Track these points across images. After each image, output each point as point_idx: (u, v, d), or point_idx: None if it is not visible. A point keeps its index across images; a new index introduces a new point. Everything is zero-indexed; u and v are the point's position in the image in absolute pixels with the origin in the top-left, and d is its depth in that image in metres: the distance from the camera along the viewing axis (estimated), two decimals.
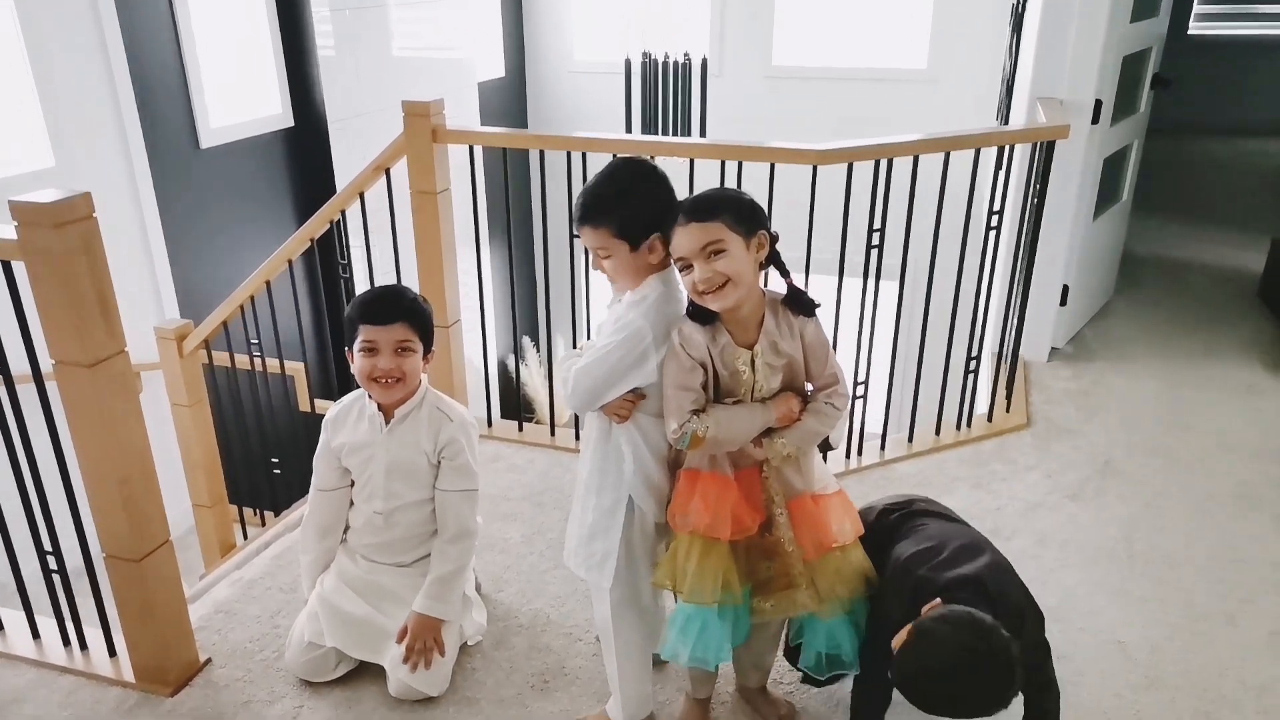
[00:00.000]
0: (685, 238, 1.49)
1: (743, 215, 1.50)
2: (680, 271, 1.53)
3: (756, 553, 1.62)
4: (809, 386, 1.62)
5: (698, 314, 1.54)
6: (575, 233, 1.65)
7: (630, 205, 1.57)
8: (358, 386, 1.93)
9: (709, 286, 1.48)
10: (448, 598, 1.89)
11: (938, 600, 1.44)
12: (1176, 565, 2.31)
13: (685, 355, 1.53)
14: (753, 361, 1.54)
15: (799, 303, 1.57)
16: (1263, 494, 2.57)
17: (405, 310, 1.84)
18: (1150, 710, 1.88)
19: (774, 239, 1.54)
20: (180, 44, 3.93)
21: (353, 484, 1.98)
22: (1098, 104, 3.08)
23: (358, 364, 1.84)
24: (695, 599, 1.58)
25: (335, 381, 4.69)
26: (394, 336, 1.82)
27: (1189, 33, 6.43)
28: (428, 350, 1.90)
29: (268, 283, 3.05)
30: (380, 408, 1.90)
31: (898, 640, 1.41)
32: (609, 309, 1.71)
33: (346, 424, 1.95)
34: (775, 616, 1.67)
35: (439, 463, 1.90)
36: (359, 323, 1.83)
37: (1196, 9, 6.43)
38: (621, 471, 1.65)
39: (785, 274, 1.59)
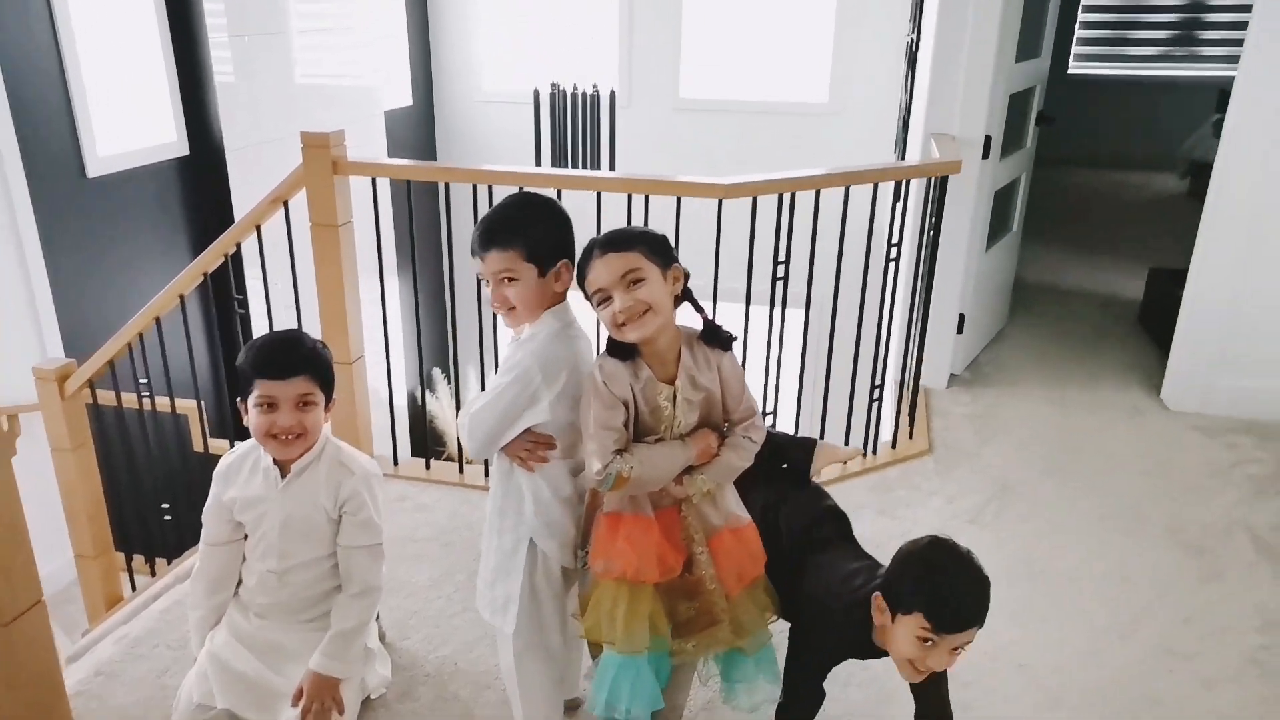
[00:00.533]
0: (604, 268, 1.48)
1: (657, 248, 1.51)
2: (598, 306, 1.51)
3: (677, 593, 1.60)
4: (724, 423, 1.63)
5: (617, 350, 1.53)
6: (478, 256, 1.59)
7: (540, 229, 1.57)
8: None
9: (629, 315, 1.47)
10: (346, 655, 1.79)
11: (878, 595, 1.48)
12: (1074, 584, 2.39)
13: (608, 393, 1.51)
14: (674, 397, 1.54)
15: (715, 337, 1.57)
16: (1148, 511, 2.69)
17: (305, 361, 1.72)
18: None
19: (686, 275, 1.55)
20: (64, 69, 3.75)
21: (246, 537, 1.88)
22: (987, 140, 3.22)
23: (254, 420, 1.72)
24: (627, 648, 1.55)
25: (231, 420, 4.51)
26: (294, 391, 1.70)
27: (1069, 72, 6.82)
28: (329, 400, 1.79)
29: (158, 319, 2.91)
30: (276, 461, 1.79)
31: (880, 615, 1.47)
32: (507, 346, 1.68)
33: (239, 477, 1.82)
34: (697, 656, 1.65)
35: (340, 518, 1.80)
36: (254, 377, 1.70)
37: (1075, 50, 6.82)
38: (521, 512, 1.62)
39: (699, 309, 1.59)
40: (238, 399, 1.76)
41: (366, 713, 1.94)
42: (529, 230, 1.56)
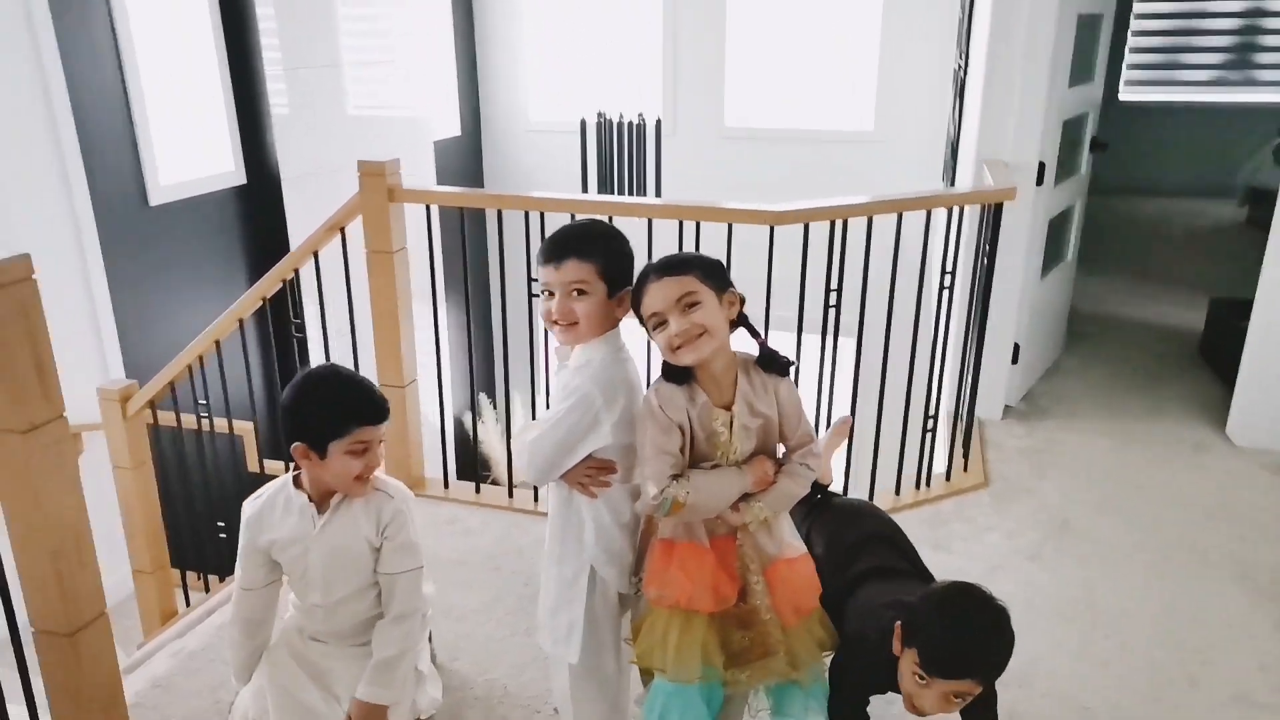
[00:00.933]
0: (659, 292, 1.48)
1: (712, 272, 1.50)
2: (653, 330, 1.50)
3: (731, 622, 1.58)
4: (780, 449, 1.61)
5: (672, 374, 1.52)
6: (552, 264, 1.56)
7: (615, 249, 1.58)
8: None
9: (685, 338, 1.46)
10: (392, 682, 1.77)
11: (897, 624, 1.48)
12: (1136, 626, 2.32)
13: (664, 416, 1.50)
14: (730, 422, 1.52)
15: (773, 363, 1.56)
16: (1213, 553, 2.60)
17: (384, 404, 1.74)
18: None
19: (742, 300, 1.54)
20: (129, 101, 3.88)
21: (284, 576, 1.86)
22: (1041, 166, 3.18)
23: (344, 464, 1.69)
24: (678, 676, 1.53)
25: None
26: (380, 434, 1.72)
27: (1120, 98, 6.72)
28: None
29: (218, 342, 2.97)
30: (310, 497, 1.77)
31: (897, 644, 1.47)
32: (557, 376, 1.68)
33: (272, 520, 1.79)
34: (750, 686, 1.62)
35: (381, 545, 1.77)
36: (354, 424, 1.68)
37: (1125, 75, 6.73)
38: (582, 540, 1.61)
39: (755, 334, 1.58)
40: (296, 442, 1.71)
41: None
42: (608, 247, 1.57)
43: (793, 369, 1.59)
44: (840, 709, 1.63)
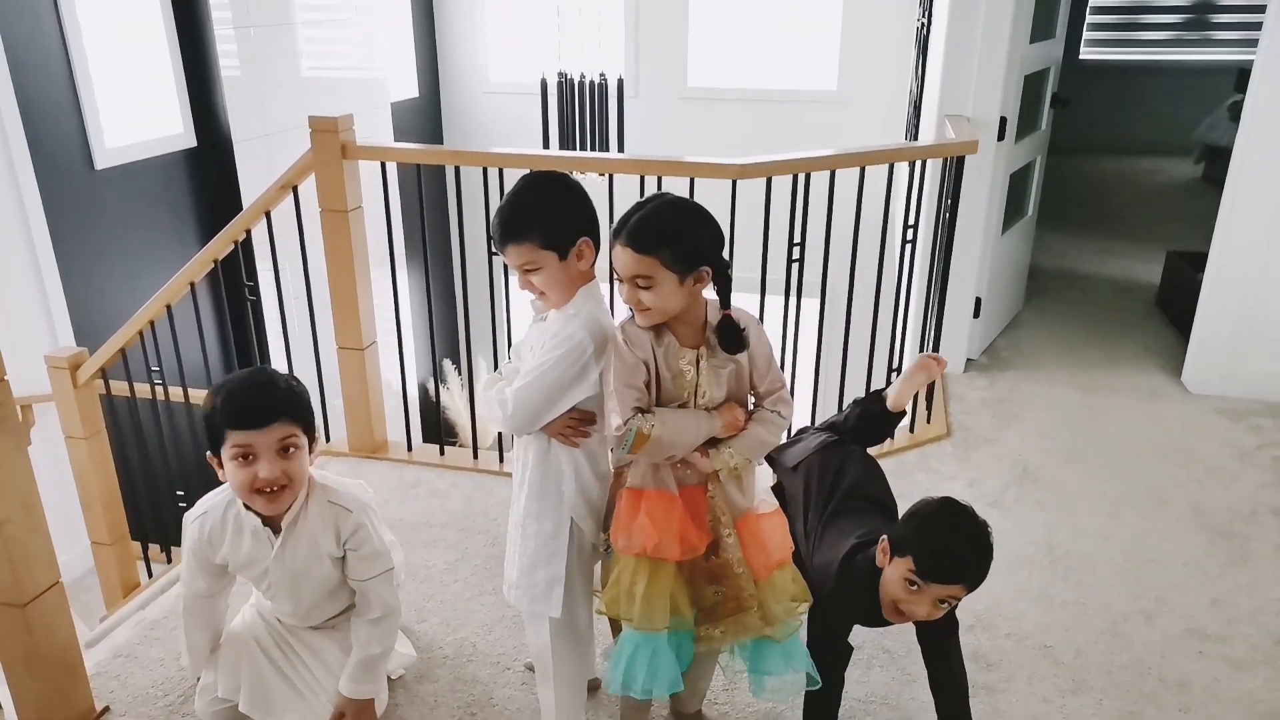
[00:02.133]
0: (618, 258, 1.47)
1: (682, 253, 1.44)
2: (617, 280, 1.50)
3: (702, 577, 1.57)
4: (751, 401, 1.60)
5: None
6: (496, 252, 1.60)
7: (552, 213, 1.53)
8: None
9: (635, 306, 1.48)
10: (376, 677, 1.74)
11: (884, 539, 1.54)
12: (1095, 568, 2.36)
13: (629, 353, 1.49)
14: (697, 361, 1.51)
15: (732, 338, 1.50)
16: (1170, 495, 2.66)
17: (282, 403, 1.56)
18: (1079, 713, 1.90)
19: (721, 269, 1.48)
20: (71, 62, 3.74)
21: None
22: (1003, 121, 3.18)
23: (231, 474, 1.56)
24: (645, 625, 1.52)
25: None
26: (274, 437, 1.54)
27: (1080, 56, 6.76)
28: (312, 442, 1.63)
29: (168, 306, 2.90)
30: (264, 519, 1.64)
31: (883, 557, 1.54)
32: (533, 326, 1.65)
33: (223, 542, 1.66)
34: (725, 643, 1.62)
35: (344, 554, 1.69)
36: (226, 427, 1.54)
37: (1086, 35, 6.76)
38: (561, 493, 1.59)
39: (725, 303, 1.53)
40: (208, 453, 1.59)
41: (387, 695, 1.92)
42: (542, 217, 1.52)
43: (753, 331, 1.55)
44: (819, 649, 1.63)
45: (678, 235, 1.44)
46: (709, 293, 1.53)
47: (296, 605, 1.73)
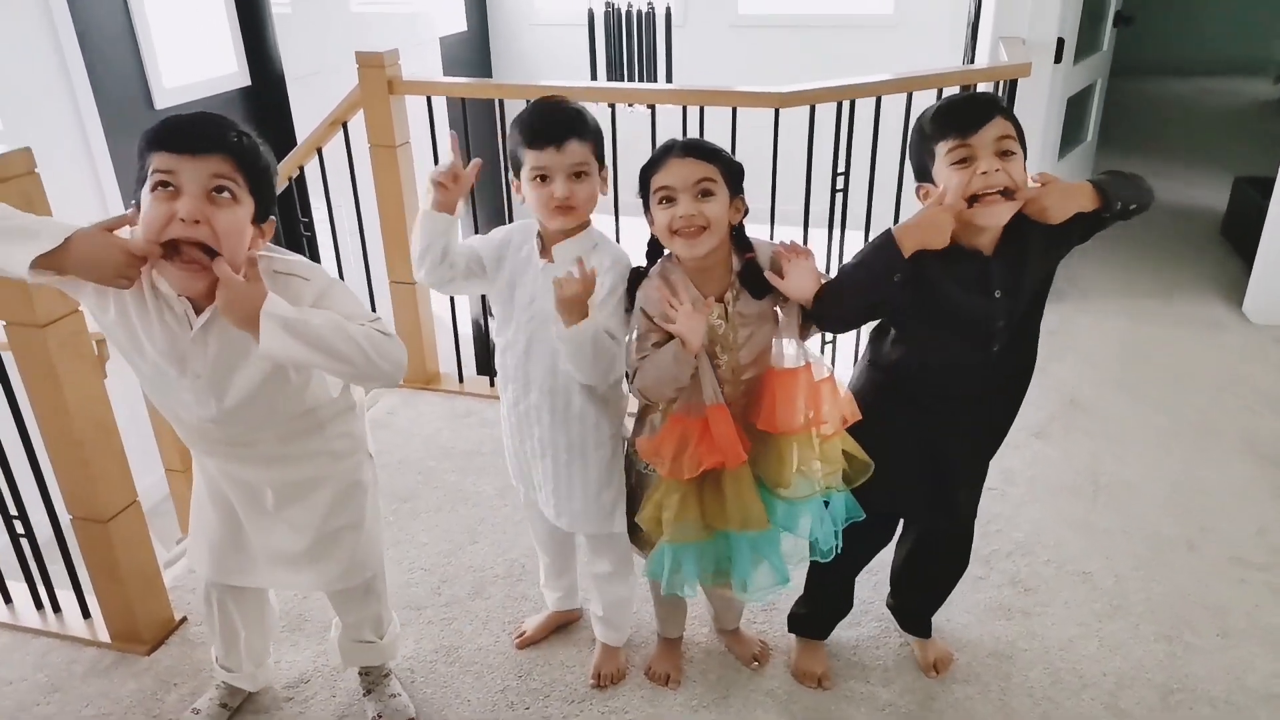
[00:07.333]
0: (680, 169, 1.43)
1: (733, 171, 1.47)
2: (658, 204, 1.44)
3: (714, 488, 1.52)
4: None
5: (652, 254, 1.52)
6: (551, 146, 1.47)
7: (596, 124, 1.54)
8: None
9: (688, 225, 1.41)
10: (293, 314, 1.23)
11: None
12: (1140, 497, 2.36)
13: (644, 319, 1.48)
14: (726, 312, 1.48)
15: (755, 282, 1.48)
16: (1222, 425, 2.62)
17: (223, 138, 1.26)
18: (1115, 637, 1.93)
19: (745, 210, 1.49)
20: (128, 5, 3.81)
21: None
22: (1060, 42, 3.08)
23: (149, 215, 1.20)
24: (678, 538, 1.52)
25: None
26: (205, 170, 1.21)
27: None
28: (266, 213, 1.32)
29: None
30: (190, 300, 1.30)
31: (923, 195, 1.53)
32: (534, 274, 1.58)
33: (127, 312, 1.32)
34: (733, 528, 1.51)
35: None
36: (150, 150, 1.22)
37: None
38: (619, 417, 1.65)
39: (748, 249, 1.51)
40: (132, 201, 1.27)
41: (439, 608, 2.03)
42: (596, 126, 1.53)
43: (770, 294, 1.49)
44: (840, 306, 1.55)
45: (731, 157, 1.48)
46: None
47: (220, 402, 1.37)
